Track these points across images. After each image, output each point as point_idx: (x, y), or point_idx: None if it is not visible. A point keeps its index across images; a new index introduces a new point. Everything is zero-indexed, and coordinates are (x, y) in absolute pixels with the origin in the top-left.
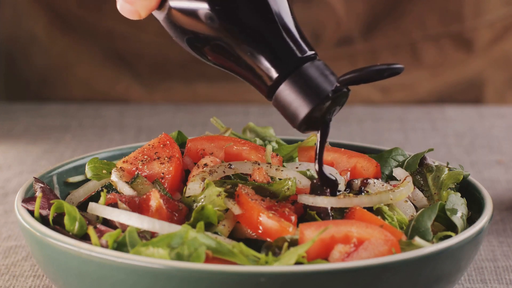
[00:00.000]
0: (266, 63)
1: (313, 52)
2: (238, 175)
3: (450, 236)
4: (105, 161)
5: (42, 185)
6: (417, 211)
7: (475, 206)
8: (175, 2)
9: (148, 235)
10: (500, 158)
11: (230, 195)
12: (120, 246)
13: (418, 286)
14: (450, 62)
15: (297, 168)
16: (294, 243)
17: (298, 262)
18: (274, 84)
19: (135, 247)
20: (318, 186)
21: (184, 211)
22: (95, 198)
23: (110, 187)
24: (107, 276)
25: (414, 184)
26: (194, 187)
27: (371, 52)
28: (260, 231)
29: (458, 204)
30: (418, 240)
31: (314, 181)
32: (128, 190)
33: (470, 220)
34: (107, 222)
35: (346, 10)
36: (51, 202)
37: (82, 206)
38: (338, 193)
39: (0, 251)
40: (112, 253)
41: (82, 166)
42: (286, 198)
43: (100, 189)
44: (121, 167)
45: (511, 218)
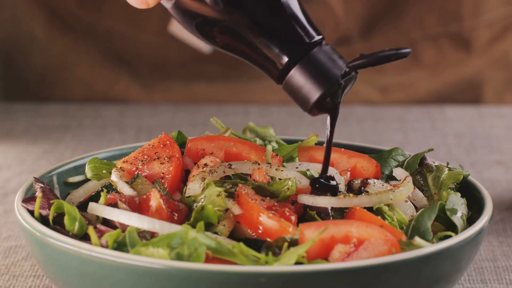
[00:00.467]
0: (277, 47)
1: (321, 36)
2: (238, 175)
3: (450, 236)
4: (105, 161)
5: (42, 185)
6: (417, 211)
7: (475, 206)
8: None
9: (148, 235)
10: (500, 158)
11: (230, 195)
12: (120, 246)
13: (418, 286)
14: (449, 62)
15: (297, 168)
16: (294, 243)
17: (298, 262)
18: (285, 68)
19: (135, 247)
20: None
21: (184, 211)
22: (95, 198)
23: (110, 187)
24: (107, 276)
25: (414, 184)
26: (194, 187)
27: (370, 52)
28: (260, 231)
29: (458, 204)
30: (418, 240)
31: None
32: (128, 190)
33: (470, 220)
34: (107, 222)
35: (345, 10)
36: (51, 202)
37: (82, 206)
38: (338, 193)
39: (0, 251)
40: (112, 253)
41: (82, 166)
42: (286, 198)
43: (100, 189)
44: (121, 167)
45: (511, 218)
